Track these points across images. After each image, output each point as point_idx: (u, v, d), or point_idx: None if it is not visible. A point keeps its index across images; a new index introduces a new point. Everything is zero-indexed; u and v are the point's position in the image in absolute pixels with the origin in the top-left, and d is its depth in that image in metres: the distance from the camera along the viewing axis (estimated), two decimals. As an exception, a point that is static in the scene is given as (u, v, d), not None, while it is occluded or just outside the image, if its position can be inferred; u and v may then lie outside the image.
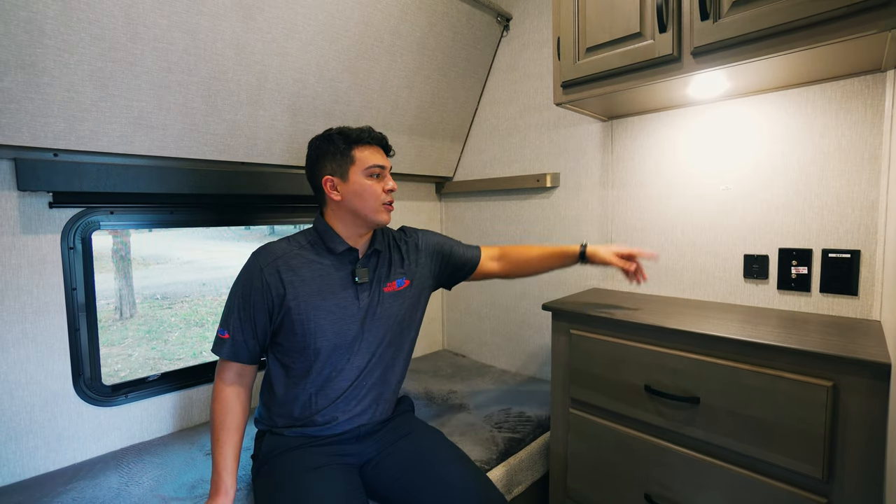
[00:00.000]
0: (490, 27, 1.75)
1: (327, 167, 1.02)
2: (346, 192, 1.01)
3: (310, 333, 0.98)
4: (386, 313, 1.07)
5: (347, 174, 1.01)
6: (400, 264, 1.13)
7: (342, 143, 1.01)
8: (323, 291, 1.01)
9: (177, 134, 1.23)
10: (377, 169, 1.02)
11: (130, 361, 5.57)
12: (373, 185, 1.02)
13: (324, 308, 1.00)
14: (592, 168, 1.55)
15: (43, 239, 1.15)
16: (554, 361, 1.28)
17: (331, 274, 1.03)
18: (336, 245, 1.03)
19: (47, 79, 1.01)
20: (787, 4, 0.87)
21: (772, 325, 1.04)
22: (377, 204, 1.02)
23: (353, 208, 1.02)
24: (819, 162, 1.12)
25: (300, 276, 0.99)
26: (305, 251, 1.03)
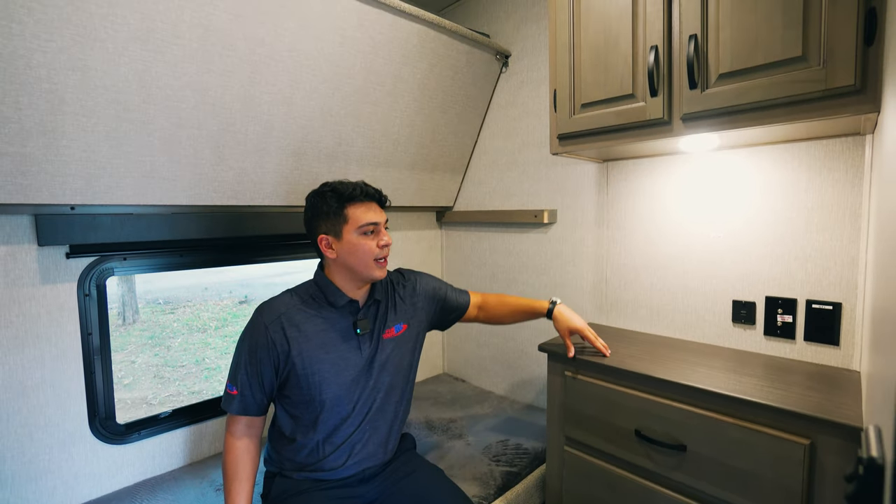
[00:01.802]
0: (489, 64, 1.79)
1: (322, 226, 1.05)
2: (340, 250, 1.04)
3: (314, 386, 1.03)
4: (387, 360, 1.12)
5: (341, 233, 1.03)
6: (398, 309, 1.17)
7: (335, 201, 1.03)
8: (326, 345, 1.05)
9: (187, 184, 1.28)
10: (370, 226, 1.04)
11: (134, 368, 5.64)
12: (366, 243, 1.04)
13: (327, 361, 1.04)
14: (588, 207, 1.60)
15: (60, 288, 1.20)
16: (549, 400, 1.34)
17: (333, 327, 1.07)
18: (337, 299, 1.07)
19: (66, 142, 1.06)
20: (767, 83, 0.92)
21: (757, 374, 1.10)
22: (370, 261, 1.05)
23: (347, 265, 1.05)
24: (804, 216, 1.16)
25: (303, 332, 1.03)
26: (308, 305, 1.07)
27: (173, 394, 5.09)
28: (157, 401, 4.90)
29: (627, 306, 1.52)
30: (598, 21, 1.18)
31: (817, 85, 0.86)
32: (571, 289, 1.68)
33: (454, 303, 1.29)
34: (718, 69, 0.98)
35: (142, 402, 4.88)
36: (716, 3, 0.98)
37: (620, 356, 1.24)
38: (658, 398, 1.09)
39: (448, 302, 1.28)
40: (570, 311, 1.26)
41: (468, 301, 1.32)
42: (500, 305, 1.33)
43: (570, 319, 1.24)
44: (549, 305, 1.28)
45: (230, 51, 1.18)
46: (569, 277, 1.68)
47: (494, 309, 1.33)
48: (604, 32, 1.17)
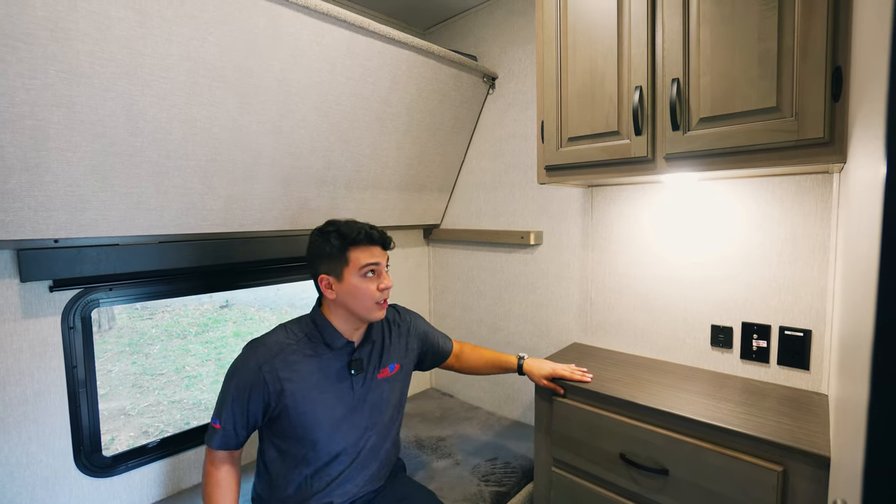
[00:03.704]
0: (476, 87, 1.82)
1: (323, 266, 1.05)
2: (341, 291, 1.04)
3: (306, 426, 1.03)
4: (380, 399, 1.13)
5: (342, 274, 1.04)
6: (393, 349, 1.18)
7: (338, 242, 1.04)
8: (320, 385, 1.05)
9: (175, 213, 1.26)
10: (371, 267, 1.05)
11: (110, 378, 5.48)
12: (366, 286, 1.04)
13: (320, 401, 1.04)
14: (573, 230, 1.64)
15: (44, 322, 1.17)
16: (537, 422, 1.37)
17: (328, 367, 1.07)
18: (334, 341, 1.07)
19: (50, 177, 1.04)
20: (745, 129, 0.97)
21: (734, 399, 1.15)
22: (371, 304, 1.05)
23: (347, 306, 1.06)
24: (777, 247, 1.23)
25: (297, 372, 1.03)
26: (302, 345, 1.06)
27: (153, 403, 4.97)
28: (136, 411, 4.78)
29: (611, 327, 1.57)
30: (585, 59, 1.21)
31: (790, 135, 0.91)
32: (557, 309, 1.72)
33: (439, 348, 1.33)
34: (699, 113, 1.03)
35: (119, 412, 4.75)
36: (697, 50, 1.02)
37: (605, 380, 1.28)
38: (641, 423, 1.14)
39: (434, 347, 1.32)
40: (537, 361, 1.32)
41: (451, 349, 1.36)
42: (475, 357, 1.37)
43: (540, 368, 1.29)
44: (518, 361, 1.33)
45: (218, 82, 1.17)
46: (554, 298, 1.72)
47: (469, 359, 1.37)
48: (590, 70, 1.20)
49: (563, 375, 1.27)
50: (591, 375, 1.28)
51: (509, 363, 1.34)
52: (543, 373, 1.28)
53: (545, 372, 1.28)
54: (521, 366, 1.32)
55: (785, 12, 0.92)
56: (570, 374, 1.27)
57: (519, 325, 1.85)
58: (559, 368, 1.29)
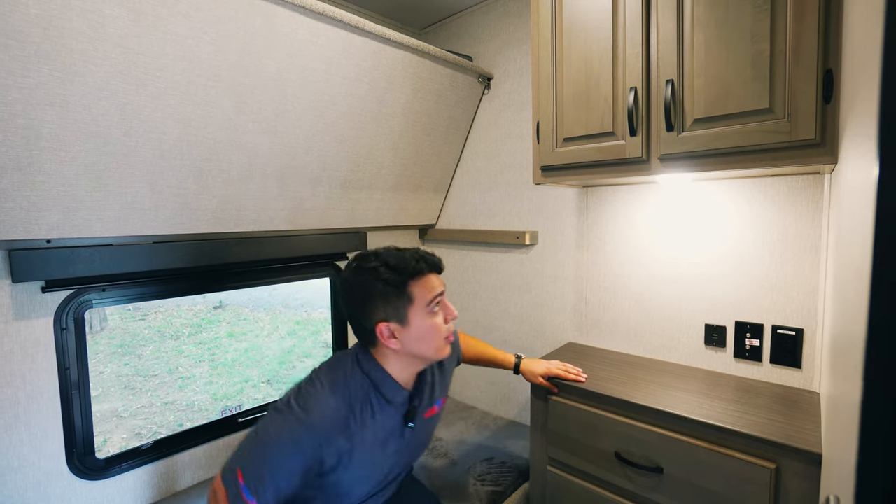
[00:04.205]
0: (472, 87, 1.82)
1: (379, 311, 0.86)
2: (408, 337, 0.87)
3: (351, 484, 0.90)
4: (424, 439, 1.04)
5: (406, 317, 0.87)
6: (440, 382, 1.06)
7: (394, 278, 0.85)
8: (374, 448, 0.90)
9: (169, 213, 1.26)
10: (438, 300, 0.90)
11: (103, 379, 5.43)
12: (437, 324, 0.89)
13: (366, 458, 0.89)
14: (568, 230, 1.65)
15: (36, 323, 1.16)
16: (532, 422, 1.38)
17: (386, 424, 0.92)
18: (395, 396, 0.92)
19: (42, 176, 1.03)
20: (738, 130, 0.98)
21: (727, 397, 1.16)
22: (441, 342, 0.91)
23: (413, 353, 0.89)
24: (769, 247, 1.24)
25: (358, 441, 0.87)
26: (362, 411, 0.88)
27: (146, 405, 4.93)
28: (129, 413, 4.74)
29: (606, 327, 1.57)
30: (580, 59, 1.22)
31: (783, 136, 0.92)
32: (552, 309, 1.72)
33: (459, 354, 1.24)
34: (694, 114, 1.04)
35: (112, 414, 4.71)
36: (691, 52, 1.03)
37: (600, 379, 1.29)
38: (636, 422, 1.15)
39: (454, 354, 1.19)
40: (533, 362, 1.32)
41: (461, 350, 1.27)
42: (471, 350, 1.32)
43: (535, 368, 1.29)
44: (515, 360, 1.31)
45: (214, 81, 1.16)
46: (550, 298, 1.73)
47: (468, 353, 1.32)
48: (585, 71, 1.21)
49: (558, 374, 1.28)
50: (586, 376, 1.28)
51: (506, 361, 1.32)
52: (539, 371, 1.29)
53: (541, 370, 1.29)
54: (518, 365, 1.32)
55: (777, 15, 0.93)
56: (564, 374, 1.28)
57: (514, 324, 1.86)
58: (554, 367, 1.29)
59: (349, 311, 0.91)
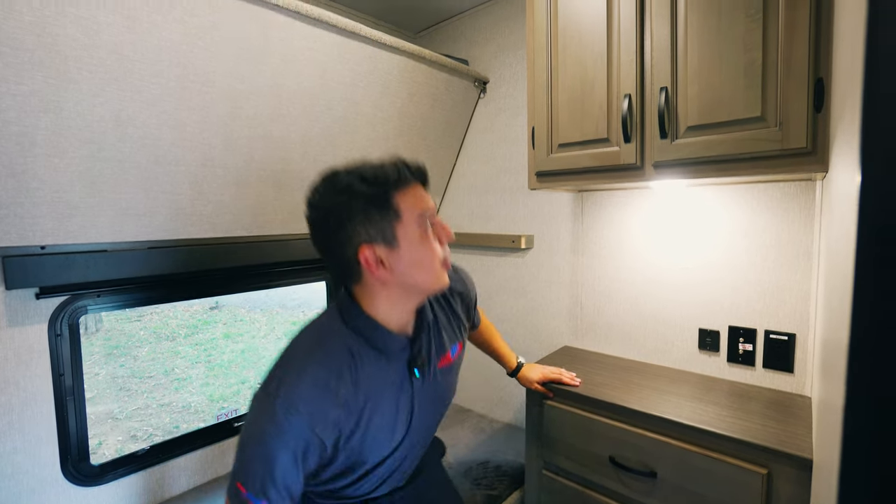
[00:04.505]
0: (468, 91, 1.83)
1: (361, 234, 0.69)
2: (399, 263, 0.71)
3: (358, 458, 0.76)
4: (441, 394, 0.86)
5: (394, 236, 0.70)
6: (452, 324, 0.89)
7: (376, 192, 0.69)
8: (378, 404, 0.76)
9: (164, 219, 1.25)
10: (430, 215, 0.74)
11: (97, 381, 5.40)
12: (430, 243, 0.73)
13: (376, 421, 0.76)
14: (564, 235, 1.66)
15: (30, 329, 1.16)
16: (528, 426, 1.38)
17: (385, 379, 0.77)
18: (390, 345, 0.76)
19: (37, 183, 1.03)
20: (731, 138, 0.99)
21: (720, 402, 1.17)
22: (439, 268, 0.74)
23: (408, 283, 0.73)
24: (762, 252, 1.25)
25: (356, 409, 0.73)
26: (355, 375, 0.73)
27: (141, 407, 4.91)
28: (124, 415, 4.72)
29: (601, 330, 1.58)
30: (575, 65, 1.22)
31: (775, 145, 0.93)
32: (548, 313, 1.73)
33: (475, 316, 1.08)
34: (687, 121, 1.05)
35: (107, 416, 4.69)
36: (684, 60, 1.04)
37: (594, 384, 1.30)
38: (630, 427, 1.16)
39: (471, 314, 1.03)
40: (530, 368, 1.30)
41: (479, 322, 1.14)
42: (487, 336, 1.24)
43: (531, 374, 1.29)
44: (516, 364, 1.29)
45: (209, 87, 1.16)
46: (545, 301, 1.74)
47: (483, 332, 1.23)
48: (580, 76, 1.22)
49: (553, 378, 1.28)
50: (581, 381, 1.29)
51: (508, 362, 1.28)
52: (535, 378, 1.29)
53: (536, 377, 1.29)
54: (518, 369, 1.29)
55: (769, 24, 0.94)
56: (559, 377, 1.28)
57: (510, 328, 1.86)
58: (549, 372, 1.30)
59: (323, 243, 0.73)
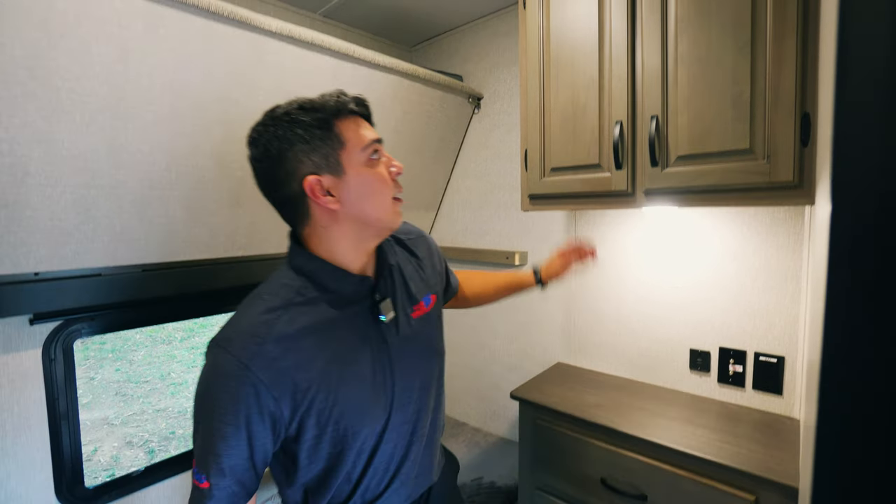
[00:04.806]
0: (462, 107, 1.83)
1: (305, 163, 0.65)
2: (347, 192, 0.67)
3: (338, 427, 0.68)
4: (422, 348, 0.80)
5: (339, 164, 0.66)
6: (420, 274, 0.85)
7: (317, 118, 0.65)
8: (342, 357, 0.69)
9: (158, 242, 1.26)
10: (376, 146, 0.70)
11: (93, 386, 5.39)
12: (380, 173, 0.70)
13: (348, 379, 0.68)
14: (557, 252, 1.67)
15: (24, 355, 1.16)
16: (521, 445, 1.40)
17: (345, 326, 0.70)
18: (343, 284, 0.70)
19: (30, 212, 1.03)
20: (720, 169, 1.00)
21: (710, 425, 1.19)
22: (390, 199, 0.71)
23: (359, 216, 0.69)
24: (752, 275, 1.26)
25: (307, 352, 0.66)
26: (298, 312, 0.67)
27: (137, 412, 4.90)
28: (120, 420, 4.71)
29: (594, 348, 1.59)
30: (567, 89, 1.23)
31: (763, 177, 0.94)
32: (541, 330, 1.74)
33: (450, 278, 1.01)
34: (677, 150, 1.06)
35: (103, 422, 4.68)
36: (675, 89, 1.05)
37: (587, 405, 1.31)
38: (622, 450, 1.17)
39: (449, 276, 1.00)
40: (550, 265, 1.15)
41: (458, 281, 1.05)
42: (482, 284, 1.12)
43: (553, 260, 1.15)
44: (534, 275, 1.13)
45: (202, 112, 1.17)
46: (539, 318, 1.75)
47: (474, 285, 1.11)
48: (572, 101, 1.23)
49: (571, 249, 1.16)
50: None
51: (526, 280, 1.13)
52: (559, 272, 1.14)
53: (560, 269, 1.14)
54: (539, 276, 1.13)
55: (757, 57, 0.95)
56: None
57: (504, 343, 1.88)
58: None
59: (267, 181, 0.69)
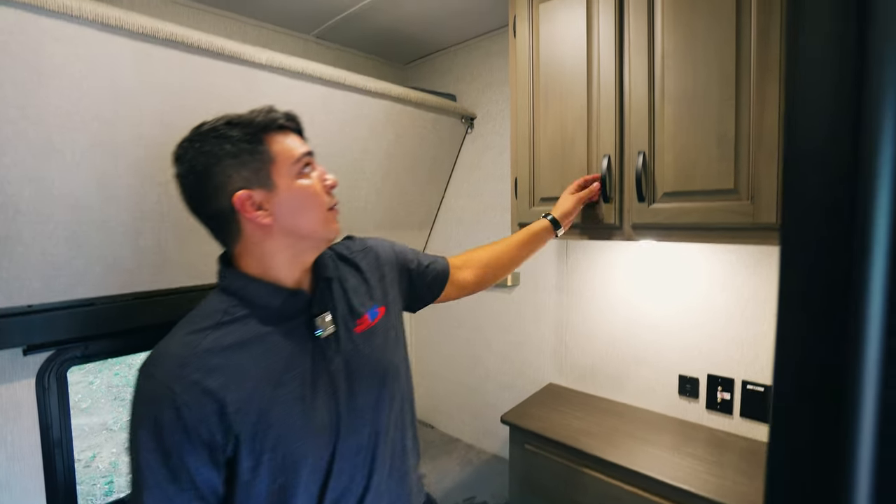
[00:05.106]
0: (455, 127, 1.84)
1: (234, 179, 0.64)
2: (279, 206, 0.66)
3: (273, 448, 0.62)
4: (369, 364, 0.75)
5: (270, 178, 0.65)
6: (365, 287, 0.81)
7: (246, 133, 0.65)
8: (276, 375, 0.65)
9: (151, 271, 1.27)
10: (307, 159, 0.70)
11: (92, 390, 5.41)
12: (313, 186, 0.69)
13: (282, 399, 0.64)
14: (549, 274, 1.68)
15: (17, 385, 1.17)
16: (511, 470, 1.41)
17: (279, 343, 0.67)
18: (272, 298, 0.67)
19: (22, 248, 1.04)
20: (705, 207, 1.01)
21: (698, 453, 1.20)
22: (325, 211, 0.71)
23: (292, 229, 0.68)
24: (740, 306, 1.27)
25: (236, 371, 0.62)
26: (225, 331, 0.64)
27: (135, 417, 4.92)
28: (119, 426, 4.72)
29: (585, 371, 1.61)
30: (556, 121, 1.24)
31: (746, 218, 0.95)
32: (533, 349, 1.75)
33: (432, 270, 0.95)
34: (664, 187, 1.07)
35: (101, 427, 4.69)
36: (661, 125, 1.06)
37: (576, 431, 1.32)
38: (610, 479, 1.18)
39: (425, 270, 0.94)
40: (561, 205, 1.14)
41: (446, 266, 0.98)
42: (493, 248, 1.07)
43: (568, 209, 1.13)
44: (548, 223, 1.12)
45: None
46: (531, 338, 1.76)
47: (488, 256, 1.05)
48: (561, 132, 1.23)
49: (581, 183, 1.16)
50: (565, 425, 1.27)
51: (543, 231, 1.11)
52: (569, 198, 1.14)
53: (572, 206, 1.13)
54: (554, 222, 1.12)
55: (741, 96, 0.96)
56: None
57: (498, 361, 1.89)
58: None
59: (195, 199, 0.67)
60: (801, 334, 0.40)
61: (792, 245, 0.41)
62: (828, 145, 0.37)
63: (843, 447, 0.36)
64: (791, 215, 0.39)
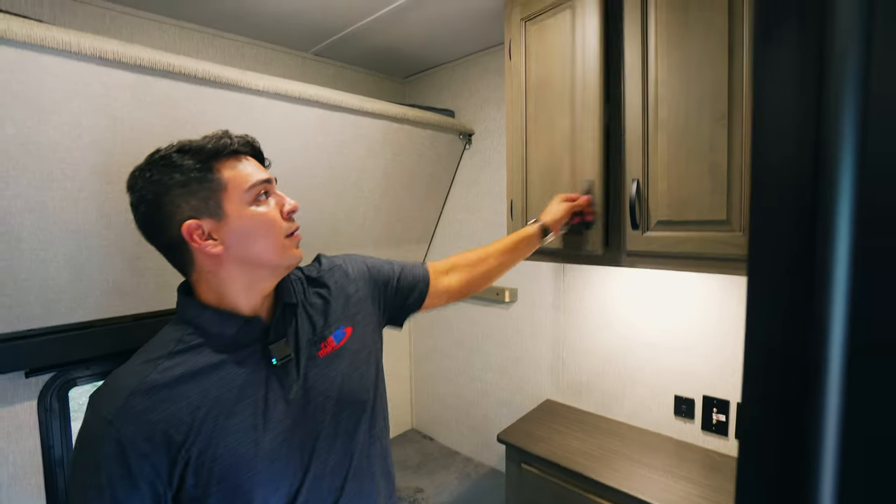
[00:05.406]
0: (453, 143, 1.85)
1: (182, 209, 0.63)
2: (230, 235, 0.65)
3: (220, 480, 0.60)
4: (334, 387, 0.73)
5: (220, 208, 0.64)
6: (329, 309, 0.79)
7: (196, 162, 0.64)
8: (227, 405, 0.63)
9: (150, 292, 1.28)
10: (264, 186, 0.68)
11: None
12: (268, 213, 0.67)
13: (232, 430, 0.62)
14: (546, 291, 1.68)
15: (19, 407, 1.19)
16: (507, 487, 1.42)
17: (232, 371, 0.65)
18: (225, 326, 0.66)
19: (24, 274, 1.06)
20: (698, 238, 1.01)
21: (692, 476, 1.20)
22: (281, 238, 0.68)
23: (245, 258, 0.66)
24: (735, 327, 1.27)
25: (184, 402, 0.61)
26: (178, 361, 0.63)
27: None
28: (123, 429, 4.77)
29: (582, 388, 1.61)
30: (546, 143, 1.25)
31: (738, 250, 0.96)
32: (530, 366, 1.76)
33: (410, 280, 0.92)
34: (658, 215, 1.07)
35: (106, 431, 4.74)
36: (655, 155, 1.06)
37: (572, 451, 1.33)
38: (604, 501, 1.19)
39: (402, 280, 0.91)
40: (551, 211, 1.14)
41: (426, 274, 0.95)
42: (481, 252, 1.06)
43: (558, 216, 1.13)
44: (537, 229, 1.11)
45: (192, 170, 1.19)
46: (528, 354, 1.77)
47: (475, 260, 1.04)
48: (549, 157, 1.24)
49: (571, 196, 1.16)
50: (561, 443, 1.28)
51: (531, 235, 1.11)
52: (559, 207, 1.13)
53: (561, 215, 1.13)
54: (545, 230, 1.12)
55: (734, 127, 0.96)
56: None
57: (496, 376, 1.90)
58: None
59: (145, 226, 0.67)
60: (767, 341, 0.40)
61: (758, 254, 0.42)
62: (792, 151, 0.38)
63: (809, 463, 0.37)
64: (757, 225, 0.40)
